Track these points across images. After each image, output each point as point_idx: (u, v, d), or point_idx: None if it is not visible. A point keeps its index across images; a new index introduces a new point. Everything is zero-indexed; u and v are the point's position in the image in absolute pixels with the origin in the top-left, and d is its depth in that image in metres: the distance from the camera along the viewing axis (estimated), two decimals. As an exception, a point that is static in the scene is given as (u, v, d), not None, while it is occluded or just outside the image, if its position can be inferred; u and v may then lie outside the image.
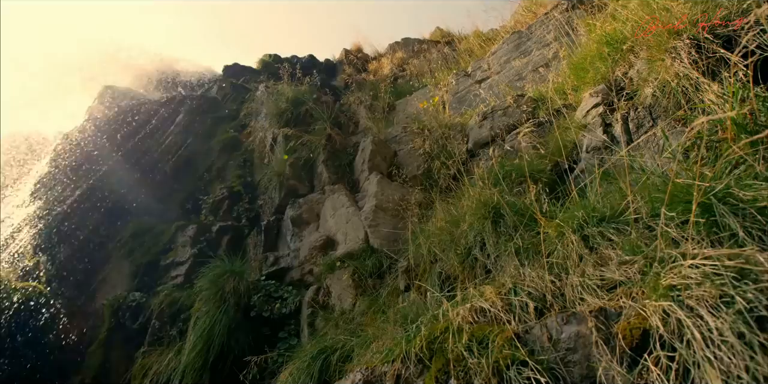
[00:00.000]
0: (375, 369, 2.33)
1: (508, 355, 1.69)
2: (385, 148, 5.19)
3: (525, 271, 2.30)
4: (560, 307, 1.97)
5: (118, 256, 7.10)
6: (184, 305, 6.04)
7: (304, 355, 3.88)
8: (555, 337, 1.75)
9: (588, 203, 2.32)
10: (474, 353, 1.80)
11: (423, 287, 3.53)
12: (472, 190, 3.03)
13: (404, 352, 2.23)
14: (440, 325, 2.17)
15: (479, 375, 1.75)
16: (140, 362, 5.90)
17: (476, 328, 1.96)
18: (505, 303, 2.12)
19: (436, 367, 2.03)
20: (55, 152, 7.67)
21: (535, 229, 2.58)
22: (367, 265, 4.49)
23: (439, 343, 2.09)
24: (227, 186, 6.40)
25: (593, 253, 2.12)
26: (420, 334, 2.23)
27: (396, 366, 2.22)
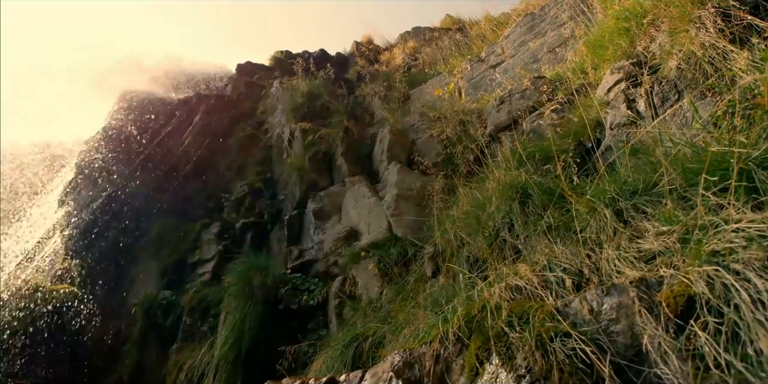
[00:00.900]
0: (413, 351, 2.35)
1: (550, 328, 1.70)
2: (403, 137, 5.21)
3: (557, 249, 2.29)
4: (598, 281, 1.97)
5: (146, 257, 7.27)
6: (213, 301, 6.17)
7: (336, 343, 3.94)
8: (596, 309, 1.75)
9: (618, 178, 2.30)
10: (515, 328, 1.81)
11: (452, 272, 3.54)
12: (497, 172, 3.02)
13: (442, 333, 2.25)
14: (476, 304, 2.18)
15: (522, 349, 1.76)
16: (174, 358, 6.06)
17: (514, 305, 1.97)
18: (540, 279, 2.12)
19: (476, 345, 2.04)
20: (79, 158, 7.88)
21: (564, 207, 2.57)
22: (391, 254, 4.52)
23: (477, 321, 2.10)
24: (248, 183, 6.50)
25: (628, 227, 2.11)
26: (456, 314, 2.25)
27: (434, 346, 2.24)
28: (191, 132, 7.47)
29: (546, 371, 1.69)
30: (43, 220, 9.05)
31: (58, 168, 9.02)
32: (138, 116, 7.85)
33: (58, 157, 10.29)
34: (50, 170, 10.29)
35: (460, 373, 2.12)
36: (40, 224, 8.97)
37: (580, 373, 1.60)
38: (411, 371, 2.24)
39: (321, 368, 3.92)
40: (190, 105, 7.88)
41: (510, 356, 1.84)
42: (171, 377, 5.95)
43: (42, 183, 10.15)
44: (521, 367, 1.79)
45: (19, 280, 7.66)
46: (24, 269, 8.26)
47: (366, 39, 9.98)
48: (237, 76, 9.23)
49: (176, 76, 9.42)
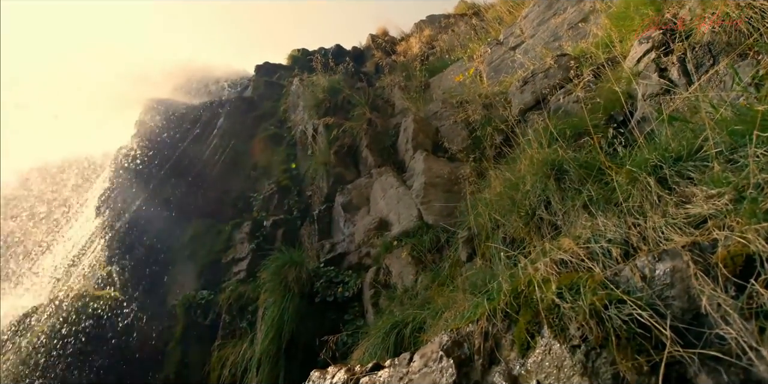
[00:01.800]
0: (460, 330, 2.36)
1: (603, 296, 1.68)
2: (426, 125, 5.20)
3: (600, 221, 2.26)
4: (647, 249, 1.94)
5: (182, 259, 7.48)
6: (250, 298, 6.31)
7: (377, 331, 3.98)
8: (648, 276, 1.72)
9: (659, 145, 2.25)
10: (566, 299, 1.80)
11: (488, 254, 3.53)
12: (529, 150, 3.00)
13: (488, 310, 2.25)
14: (522, 279, 2.18)
15: (574, 320, 1.75)
16: (217, 355, 6.23)
17: (563, 277, 1.95)
18: (586, 252, 2.10)
19: (525, 320, 2.04)
20: (112, 168, 8.15)
21: (603, 180, 2.53)
22: (424, 241, 4.53)
23: (525, 296, 2.10)
24: (275, 181, 6.60)
25: (673, 194, 2.07)
26: (502, 291, 2.25)
27: (482, 324, 2.25)
28: (216, 135, 7.64)
29: (602, 339, 1.68)
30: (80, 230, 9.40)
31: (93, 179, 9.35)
32: (164, 124, 8.06)
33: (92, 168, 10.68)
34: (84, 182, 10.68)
35: (511, 349, 2.13)
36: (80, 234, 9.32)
37: (638, 339, 1.58)
38: (460, 349, 2.25)
39: (363, 356, 3.97)
40: (212, 109, 8.05)
41: (562, 328, 1.83)
42: (215, 373, 6.12)
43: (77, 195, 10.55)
44: (575, 337, 1.78)
45: (64, 287, 7.96)
46: (68, 277, 8.60)
47: (381, 31, 9.96)
48: (256, 77, 9.37)
49: (197, 82, 9.62)
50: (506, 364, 2.07)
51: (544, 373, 1.87)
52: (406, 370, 2.48)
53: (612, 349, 1.64)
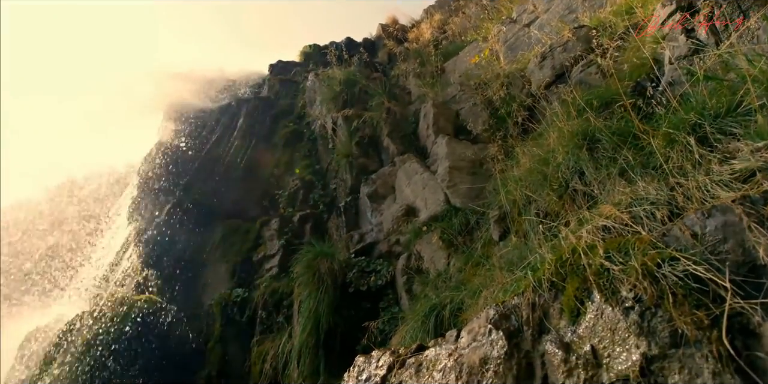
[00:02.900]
0: (506, 303, 2.37)
1: (654, 256, 1.67)
2: (446, 109, 5.17)
3: (640, 185, 2.24)
4: (693, 208, 1.91)
5: (214, 259, 7.65)
6: (285, 293, 6.42)
7: (415, 315, 4.02)
8: (699, 232, 1.70)
9: (696, 105, 2.21)
10: (615, 262, 1.79)
11: (521, 231, 3.52)
12: (559, 123, 2.97)
13: (533, 282, 2.25)
14: (565, 249, 2.17)
15: (626, 282, 1.74)
16: (257, 350, 6.36)
17: (609, 242, 1.94)
18: (629, 216, 2.09)
19: (573, 287, 2.04)
20: (139, 175, 8.36)
21: (638, 146, 2.50)
22: (453, 224, 4.53)
23: (570, 264, 2.09)
24: (299, 177, 6.68)
25: (716, 151, 2.03)
26: (545, 261, 2.25)
27: (528, 295, 2.25)
28: (236, 136, 7.75)
29: (656, 298, 1.67)
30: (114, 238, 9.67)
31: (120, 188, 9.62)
32: (186, 128, 8.23)
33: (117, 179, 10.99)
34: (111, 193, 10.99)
35: (560, 317, 2.13)
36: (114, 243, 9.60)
37: (695, 294, 1.57)
38: (508, 322, 2.26)
39: (403, 341, 4.01)
40: (231, 110, 8.17)
41: (613, 291, 1.83)
42: (256, 368, 6.25)
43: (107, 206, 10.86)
44: (628, 299, 1.77)
45: (105, 294, 8.22)
46: (107, 285, 8.87)
47: (390, 20, 9.89)
48: (271, 76, 9.46)
49: (214, 85, 9.77)
50: (557, 332, 2.08)
51: (597, 338, 1.87)
52: (454, 347, 2.50)
53: (668, 307, 1.63)
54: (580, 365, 1.90)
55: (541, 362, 2.08)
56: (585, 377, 1.87)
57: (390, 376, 3.06)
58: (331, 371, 5.02)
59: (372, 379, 3.16)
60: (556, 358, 1.99)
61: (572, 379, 1.93)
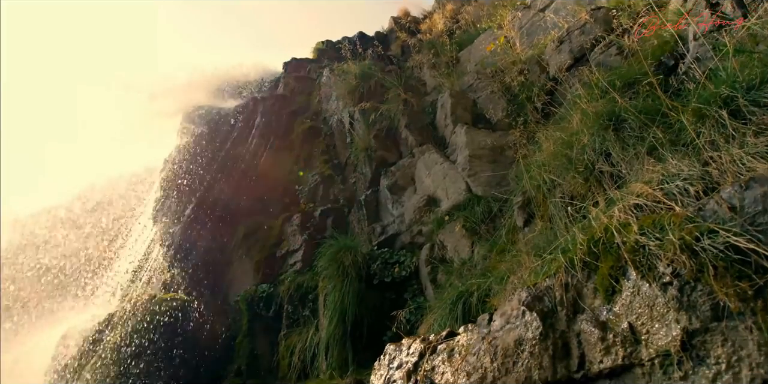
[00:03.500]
0: (538, 285, 2.38)
1: (692, 229, 1.66)
2: (463, 98, 5.16)
3: (671, 162, 2.22)
4: (729, 181, 1.89)
5: (238, 256, 7.78)
6: (309, 287, 6.49)
7: (442, 303, 4.04)
8: (737, 205, 1.68)
9: (727, 78, 2.17)
10: (651, 238, 1.79)
11: (546, 215, 3.51)
12: (582, 105, 2.94)
13: (565, 263, 2.26)
14: (597, 228, 2.17)
15: (663, 257, 1.74)
16: (284, 344, 6.45)
17: (643, 219, 1.93)
18: (661, 193, 2.07)
19: (607, 266, 2.03)
20: (162, 177, 8.55)
21: (666, 123, 2.47)
22: (476, 213, 4.53)
23: (603, 243, 2.08)
24: (318, 172, 6.75)
25: (750, 124, 2.00)
26: (576, 242, 2.25)
27: (560, 277, 2.25)
28: (254, 134, 7.86)
29: (696, 272, 1.66)
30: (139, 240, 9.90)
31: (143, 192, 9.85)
32: (204, 128, 8.36)
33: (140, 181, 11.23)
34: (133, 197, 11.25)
35: (594, 296, 2.13)
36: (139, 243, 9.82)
37: (736, 266, 1.56)
38: (542, 303, 2.27)
39: (431, 329, 4.04)
40: (248, 109, 8.28)
41: (650, 267, 1.82)
42: (285, 362, 6.34)
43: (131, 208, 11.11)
44: (665, 274, 1.76)
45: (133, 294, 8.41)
46: (135, 285, 9.09)
47: (402, 12, 9.85)
48: (285, 74, 9.54)
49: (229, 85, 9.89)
50: (592, 312, 2.08)
51: (634, 315, 1.87)
52: (487, 330, 2.52)
53: (709, 280, 1.62)
54: (618, 343, 1.90)
55: (578, 341, 2.08)
56: (623, 354, 1.87)
57: (422, 363, 3.10)
58: (360, 362, 5.07)
59: (404, 366, 3.20)
60: (593, 336, 1.99)
61: (610, 357, 1.93)
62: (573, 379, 2.06)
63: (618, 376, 1.95)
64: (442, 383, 2.78)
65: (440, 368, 2.84)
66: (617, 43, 3.68)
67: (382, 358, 3.33)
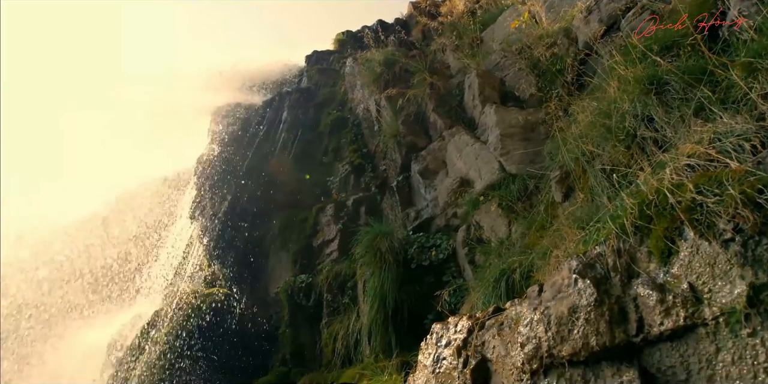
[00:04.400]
0: (587, 254, 2.36)
1: (754, 183, 1.63)
2: (490, 78, 5.10)
3: (722, 120, 2.16)
4: (788, 134, 1.84)
5: (275, 249, 7.98)
6: (347, 274, 6.60)
7: (484, 282, 4.05)
8: (800, 155, 1.64)
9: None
10: (709, 195, 1.76)
11: (586, 187, 3.47)
12: (621, 70, 2.88)
13: (615, 228, 2.24)
14: (648, 191, 2.14)
15: (724, 213, 1.71)
16: (327, 331, 6.60)
17: (697, 177, 1.90)
18: (715, 151, 2.03)
19: (661, 227, 2.01)
20: (196, 176, 8.82)
21: (712, 81, 2.40)
22: (511, 191, 4.51)
23: (655, 206, 2.06)
24: (348, 162, 6.83)
25: (807, 74, 1.93)
26: (626, 207, 2.22)
27: (611, 243, 2.23)
28: (282, 129, 8.00)
29: (761, 225, 1.63)
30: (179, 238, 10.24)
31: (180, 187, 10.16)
32: (234, 126, 8.56)
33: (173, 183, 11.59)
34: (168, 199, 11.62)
35: (649, 260, 2.11)
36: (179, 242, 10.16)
37: (804, 216, 1.53)
38: (593, 271, 2.26)
39: (474, 307, 4.07)
40: (275, 104, 8.42)
41: (708, 225, 1.79)
42: (328, 349, 6.49)
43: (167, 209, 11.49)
44: (726, 231, 1.73)
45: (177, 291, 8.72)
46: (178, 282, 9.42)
47: (420, -4, 9.76)
48: (308, 67, 9.65)
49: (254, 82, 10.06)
50: (647, 275, 2.06)
51: (695, 274, 1.84)
52: (538, 301, 2.52)
53: (774, 233, 1.59)
54: (678, 304, 1.88)
55: (635, 306, 2.07)
56: (685, 315, 1.85)
57: (471, 339, 3.12)
58: (403, 345, 5.14)
59: (452, 343, 3.24)
60: (651, 299, 1.98)
61: (671, 319, 1.92)
62: (632, 343, 2.06)
63: (680, 337, 1.94)
64: (494, 356, 2.80)
65: (491, 342, 2.86)
66: (650, 8, 3.57)
67: (429, 337, 3.38)
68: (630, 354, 2.04)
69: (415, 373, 3.46)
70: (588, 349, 2.14)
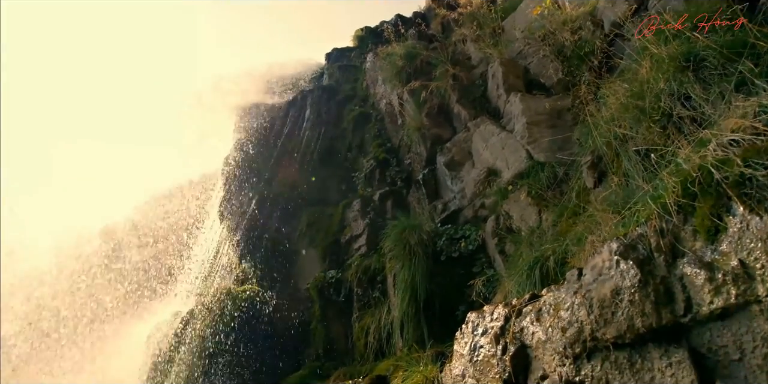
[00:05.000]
0: (628, 235, 2.33)
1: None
2: (514, 66, 5.05)
3: (764, 95, 2.10)
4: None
5: (304, 245, 8.09)
6: (376, 269, 6.64)
7: (517, 270, 4.03)
8: None
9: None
10: (759, 168, 1.72)
11: (620, 171, 3.42)
12: (654, 49, 2.82)
13: (657, 208, 2.20)
14: (691, 169, 2.10)
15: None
16: (358, 326, 6.66)
17: (745, 151, 1.86)
18: (761, 125, 1.98)
19: (707, 205, 1.97)
20: (223, 177, 9.03)
21: (753, 55, 2.33)
22: (540, 179, 4.46)
23: (699, 183, 2.02)
24: (372, 157, 6.87)
25: None
26: (667, 187, 2.19)
27: (653, 223, 2.20)
28: (306, 127, 8.10)
29: (815, 197, 1.60)
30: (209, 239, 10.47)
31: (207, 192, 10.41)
32: (258, 126, 8.72)
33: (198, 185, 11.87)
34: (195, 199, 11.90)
35: (694, 239, 2.07)
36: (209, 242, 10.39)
37: None
38: (636, 252, 2.22)
39: (508, 296, 4.05)
40: (297, 103, 8.54)
41: (759, 199, 1.76)
42: (360, 343, 6.54)
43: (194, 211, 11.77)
44: (778, 204, 1.70)
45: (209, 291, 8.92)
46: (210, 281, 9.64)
47: (439, -12, 9.69)
48: (329, 64, 9.74)
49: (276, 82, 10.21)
50: (694, 254, 2.03)
51: (745, 251, 1.80)
52: (578, 285, 2.50)
53: (832, 203, 1.55)
54: (729, 282, 1.84)
55: (681, 285, 2.03)
56: (737, 292, 1.81)
57: (508, 326, 3.12)
58: (436, 337, 5.16)
59: (489, 331, 3.23)
60: (699, 278, 1.94)
61: (721, 297, 1.88)
62: (680, 323, 2.02)
63: (731, 316, 1.90)
64: (534, 342, 2.79)
65: (530, 329, 2.85)
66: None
67: (465, 326, 3.38)
68: (678, 335, 2.01)
69: (452, 363, 3.47)
70: (633, 331, 2.11)
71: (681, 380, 1.99)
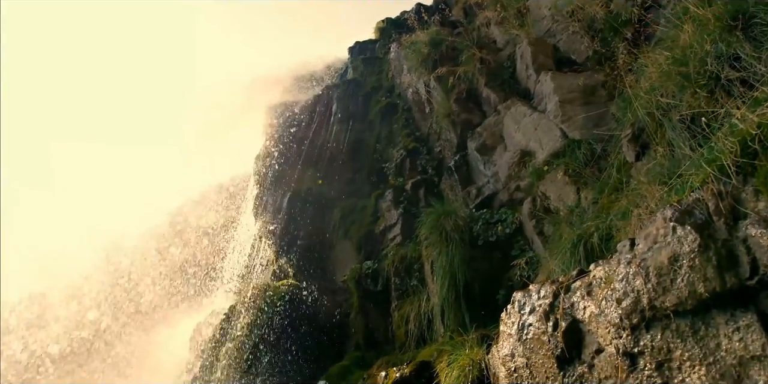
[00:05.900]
0: (682, 202, 2.29)
1: None
2: (543, 44, 4.96)
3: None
4: None
5: (339, 238, 8.19)
6: (413, 257, 6.67)
7: (560, 249, 4.00)
8: None
9: None
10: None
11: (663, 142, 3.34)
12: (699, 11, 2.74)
13: (713, 171, 2.16)
14: (748, 128, 2.04)
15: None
16: (397, 314, 6.70)
17: (807, 104, 1.80)
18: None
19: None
20: (256, 174, 9.24)
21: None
22: (577, 157, 4.39)
23: (760, 141, 1.97)
24: (402, 147, 6.89)
25: None
26: (723, 149, 2.14)
27: (710, 186, 2.16)
28: (334, 121, 8.19)
29: None
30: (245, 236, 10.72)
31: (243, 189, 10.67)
32: (287, 124, 8.87)
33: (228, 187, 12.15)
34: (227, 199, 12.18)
35: (756, 199, 2.02)
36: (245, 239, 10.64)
37: None
38: (692, 217, 2.18)
39: (551, 275, 4.02)
40: (323, 98, 8.64)
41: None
42: (401, 331, 6.59)
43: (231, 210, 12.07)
44: None
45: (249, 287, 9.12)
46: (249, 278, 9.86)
47: (460, -28, 9.60)
48: (352, 58, 9.82)
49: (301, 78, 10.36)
50: (757, 214, 1.98)
51: (818, 206, 1.76)
52: (631, 255, 2.46)
53: None
54: (799, 239, 1.80)
55: (745, 248, 1.98)
56: (806, 250, 1.77)
57: (557, 303, 3.10)
58: (477, 321, 5.15)
59: (537, 310, 3.22)
60: (765, 239, 1.88)
61: (790, 256, 1.84)
62: (746, 286, 1.98)
63: (801, 275, 1.86)
64: (586, 317, 2.77)
65: (581, 304, 2.82)
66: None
67: (511, 306, 3.37)
68: (744, 299, 1.96)
69: (499, 343, 3.47)
70: (695, 297, 2.07)
71: (750, 344, 1.95)
